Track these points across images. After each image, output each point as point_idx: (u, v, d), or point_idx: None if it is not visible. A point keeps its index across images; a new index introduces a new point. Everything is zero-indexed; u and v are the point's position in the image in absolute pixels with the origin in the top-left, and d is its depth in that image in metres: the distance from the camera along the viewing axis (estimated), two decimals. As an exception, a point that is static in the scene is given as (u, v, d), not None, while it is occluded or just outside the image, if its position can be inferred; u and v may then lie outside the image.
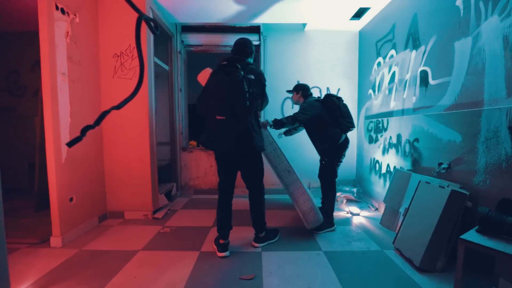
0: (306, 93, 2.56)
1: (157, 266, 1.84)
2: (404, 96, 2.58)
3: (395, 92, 2.75)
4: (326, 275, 1.74)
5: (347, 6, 3.07)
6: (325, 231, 2.42)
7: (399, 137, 2.67)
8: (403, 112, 2.60)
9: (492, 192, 1.61)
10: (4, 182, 1.13)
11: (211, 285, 1.62)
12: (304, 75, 3.80)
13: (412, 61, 2.46)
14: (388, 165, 2.88)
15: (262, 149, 2.00)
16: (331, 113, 2.41)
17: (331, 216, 2.47)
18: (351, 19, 3.42)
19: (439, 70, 2.09)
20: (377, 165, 3.15)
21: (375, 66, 3.26)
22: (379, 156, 3.11)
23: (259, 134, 1.96)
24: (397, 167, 2.70)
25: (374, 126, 3.25)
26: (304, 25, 3.69)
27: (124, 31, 2.70)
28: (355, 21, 3.48)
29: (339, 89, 3.84)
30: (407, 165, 2.54)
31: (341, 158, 2.46)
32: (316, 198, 2.58)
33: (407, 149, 2.52)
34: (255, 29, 3.75)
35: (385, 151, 2.96)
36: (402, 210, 2.36)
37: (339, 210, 3.09)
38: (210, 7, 3.18)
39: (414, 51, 2.43)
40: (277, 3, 3.05)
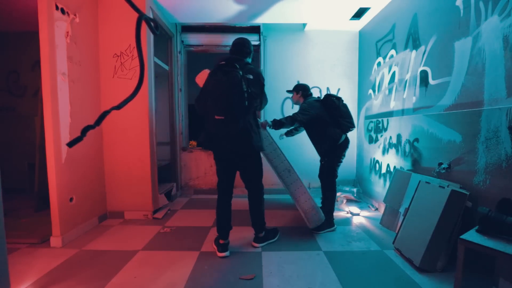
0: (306, 93, 2.56)
1: (157, 266, 1.84)
2: (404, 96, 2.58)
3: (395, 92, 2.75)
4: (326, 275, 1.74)
5: (347, 6, 3.07)
6: (325, 231, 2.43)
7: (399, 137, 2.67)
8: (403, 112, 2.60)
9: (492, 192, 1.61)
10: (4, 182, 1.13)
11: (211, 285, 1.62)
12: (304, 75, 3.80)
13: (412, 61, 2.45)
14: (388, 165, 2.88)
15: (261, 149, 2.00)
16: (331, 113, 2.41)
17: (331, 216, 2.47)
18: (351, 19, 3.42)
19: (439, 70, 2.09)
20: (377, 165, 3.15)
21: (375, 66, 3.26)
22: (379, 156, 3.11)
23: (257, 134, 1.96)
24: (397, 167, 2.70)
25: (374, 126, 3.25)
26: (304, 25, 3.69)
27: (124, 31, 2.70)
28: (355, 21, 3.48)
29: (339, 89, 3.84)
30: (407, 165, 2.54)
31: (341, 158, 2.46)
32: (316, 198, 2.57)
33: (407, 149, 2.52)
34: (255, 29, 3.75)
35: (385, 151, 2.96)
36: (402, 210, 2.36)
37: (339, 210, 3.09)
38: (210, 7, 3.18)
39: (414, 51, 2.43)
40: (277, 3, 3.05)
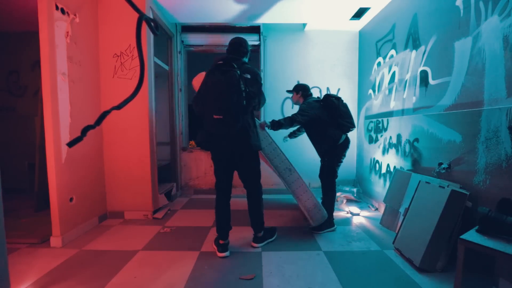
0: (306, 93, 2.56)
1: (157, 266, 1.84)
2: (404, 96, 2.58)
3: (395, 92, 2.75)
4: (326, 275, 1.74)
5: (347, 6, 3.07)
6: (325, 231, 2.42)
7: (399, 137, 2.67)
8: (403, 112, 2.60)
9: (492, 192, 1.61)
10: (4, 182, 1.13)
11: (211, 285, 1.62)
12: (304, 75, 3.80)
13: (412, 61, 2.45)
14: (388, 165, 2.88)
15: (259, 148, 2.01)
16: (331, 113, 2.40)
17: (331, 216, 2.47)
18: (351, 19, 3.42)
19: (439, 70, 2.09)
20: (377, 165, 3.15)
21: (375, 66, 3.26)
22: (379, 156, 3.11)
23: (255, 133, 1.96)
24: (397, 167, 2.70)
25: (374, 126, 3.25)
26: (304, 25, 3.69)
27: (124, 31, 2.70)
28: (355, 21, 3.48)
29: (339, 89, 3.84)
30: (407, 165, 2.54)
31: (341, 158, 2.46)
32: (317, 198, 2.57)
33: (407, 149, 2.52)
34: (255, 29, 3.75)
35: (385, 151, 2.96)
36: (402, 210, 2.36)
37: (339, 210, 3.09)
38: (210, 7, 3.18)
39: (414, 51, 2.43)
40: (277, 3, 3.05)
